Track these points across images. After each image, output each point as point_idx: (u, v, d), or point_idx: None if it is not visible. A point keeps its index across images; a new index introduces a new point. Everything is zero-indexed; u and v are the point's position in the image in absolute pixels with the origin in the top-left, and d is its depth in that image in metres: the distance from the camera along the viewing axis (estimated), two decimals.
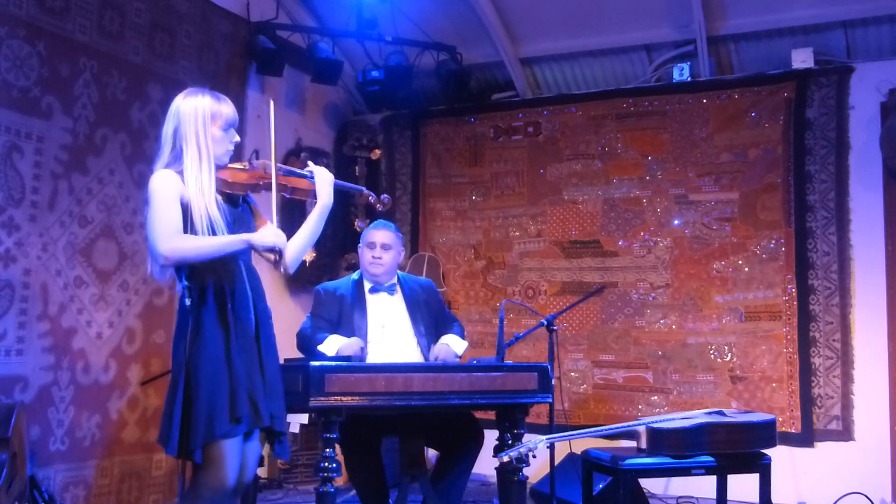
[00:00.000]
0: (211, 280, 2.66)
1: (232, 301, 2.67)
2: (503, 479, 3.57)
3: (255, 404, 2.62)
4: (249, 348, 2.68)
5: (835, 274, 5.18)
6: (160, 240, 2.57)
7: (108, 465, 4.47)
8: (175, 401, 2.56)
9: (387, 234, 3.96)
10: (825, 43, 5.37)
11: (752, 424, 3.70)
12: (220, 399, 2.56)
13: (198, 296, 2.64)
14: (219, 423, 2.54)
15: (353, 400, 3.11)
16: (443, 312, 4.07)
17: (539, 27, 5.89)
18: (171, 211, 2.60)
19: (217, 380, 2.57)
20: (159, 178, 2.65)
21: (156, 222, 2.59)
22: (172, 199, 2.61)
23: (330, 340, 3.67)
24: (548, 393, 3.51)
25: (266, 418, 2.64)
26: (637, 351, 5.66)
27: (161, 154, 2.72)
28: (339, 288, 3.97)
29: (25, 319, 4.05)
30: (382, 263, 3.93)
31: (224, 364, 2.60)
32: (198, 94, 2.75)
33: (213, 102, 2.73)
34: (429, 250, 6.37)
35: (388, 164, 6.56)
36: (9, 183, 3.97)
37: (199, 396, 2.55)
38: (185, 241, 2.61)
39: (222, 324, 2.64)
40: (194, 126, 2.68)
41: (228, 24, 5.37)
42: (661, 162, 5.71)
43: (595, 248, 5.85)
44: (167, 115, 2.75)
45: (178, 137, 2.69)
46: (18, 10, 4.03)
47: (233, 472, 2.59)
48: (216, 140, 2.72)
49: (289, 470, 5.54)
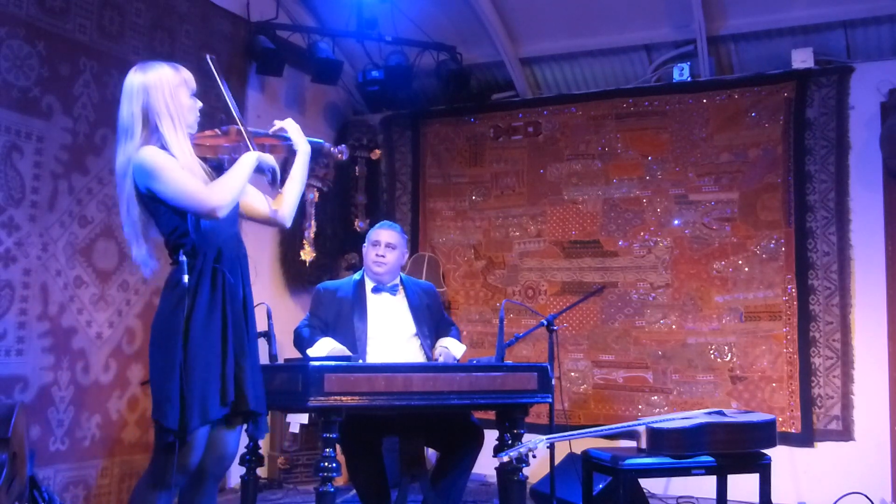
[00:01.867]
0: (213, 256, 2.67)
1: (224, 284, 2.67)
2: (503, 479, 3.57)
3: (241, 389, 2.65)
4: (239, 333, 2.69)
5: (835, 274, 5.18)
6: (203, 197, 2.56)
7: (108, 465, 4.47)
8: (174, 377, 2.53)
9: (392, 233, 3.98)
10: (825, 43, 5.37)
11: (752, 424, 3.70)
12: (213, 384, 2.58)
13: (197, 273, 2.63)
14: (212, 408, 2.56)
15: (352, 400, 3.11)
16: (442, 316, 4.09)
17: (539, 27, 5.89)
18: (187, 174, 2.59)
19: (212, 363, 2.59)
20: (152, 152, 2.60)
21: (184, 186, 2.57)
22: (177, 164, 2.59)
23: (320, 344, 3.68)
24: (548, 393, 3.51)
25: (252, 402, 2.67)
26: (637, 351, 5.66)
27: (132, 134, 2.65)
28: (339, 289, 3.97)
29: (25, 319, 4.05)
30: (386, 262, 3.93)
31: (219, 348, 2.62)
32: (156, 66, 2.71)
33: (174, 72, 2.71)
34: (429, 250, 6.37)
35: (388, 164, 6.56)
36: (9, 183, 3.97)
37: (194, 379, 2.55)
38: (220, 186, 2.61)
39: (220, 307, 2.64)
40: (163, 97, 2.65)
41: (228, 24, 5.37)
42: (661, 162, 5.71)
43: (595, 248, 5.85)
44: (126, 95, 2.68)
45: (150, 112, 2.64)
46: (18, 10, 4.03)
47: (197, 456, 2.62)
48: (188, 108, 2.71)
49: (289, 470, 5.54)
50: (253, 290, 2.87)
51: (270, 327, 3.80)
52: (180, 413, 2.52)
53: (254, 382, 2.71)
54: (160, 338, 2.63)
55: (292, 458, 5.55)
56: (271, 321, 3.80)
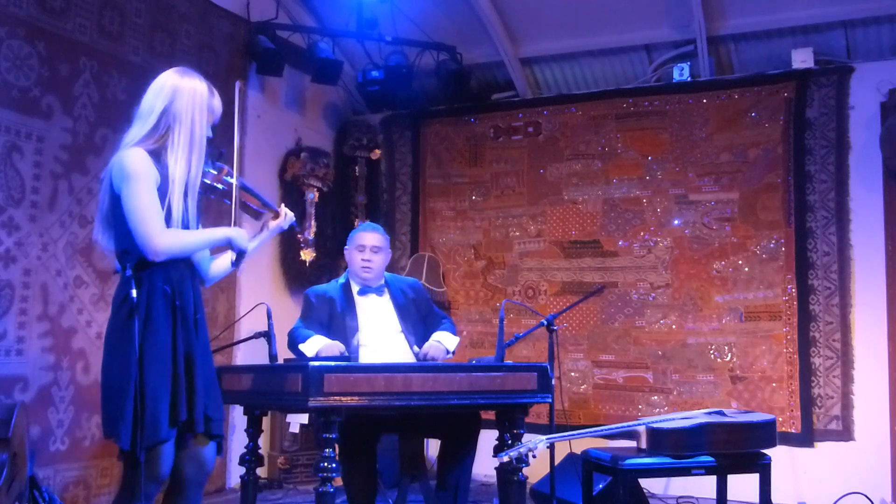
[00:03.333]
0: (161, 273, 2.59)
1: (180, 299, 2.61)
2: (503, 479, 3.57)
3: (192, 408, 2.59)
4: (189, 349, 2.63)
5: (835, 274, 5.18)
6: (154, 234, 2.50)
7: (108, 465, 4.47)
8: (127, 395, 2.48)
9: (376, 236, 3.97)
10: (825, 43, 5.37)
11: (752, 424, 3.69)
12: (164, 402, 2.53)
13: (146, 288, 2.55)
14: (161, 427, 2.51)
15: (352, 400, 3.11)
16: (431, 311, 4.08)
17: (539, 27, 5.89)
18: (156, 199, 2.52)
19: (163, 381, 2.53)
20: (138, 158, 2.53)
21: (145, 213, 2.50)
22: (153, 185, 2.52)
23: (312, 340, 3.68)
24: (548, 393, 3.51)
25: (199, 423, 2.61)
26: (637, 351, 5.66)
27: (140, 126, 2.61)
28: (328, 291, 3.99)
29: (25, 319, 4.05)
30: (373, 267, 3.94)
31: (170, 365, 2.56)
32: (195, 78, 2.68)
33: (209, 95, 2.69)
34: (429, 250, 6.36)
35: (388, 164, 6.56)
36: (9, 183, 3.97)
37: (146, 396, 2.50)
38: (177, 236, 2.55)
39: (171, 321, 2.58)
40: (191, 111, 2.61)
41: (228, 24, 5.37)
42: (661, 162, 5.71)
43: (595, 248, 5.85)
44: (156, 89, 2.64)
45: (167, 116, 2.60)
46: (18, 10, 4.03)
47: (167, 467, 2.59)
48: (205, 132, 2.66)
49: (289, 470, 5.54)
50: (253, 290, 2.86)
51: (270, 327, 3.79)
52: (132, 431, 2.47)
53: (207, 400, 2.64)
54: (113, 352, 2.57)
55: (292, 458, 5.55)
56: (271, 321, 3.79)
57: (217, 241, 2.69)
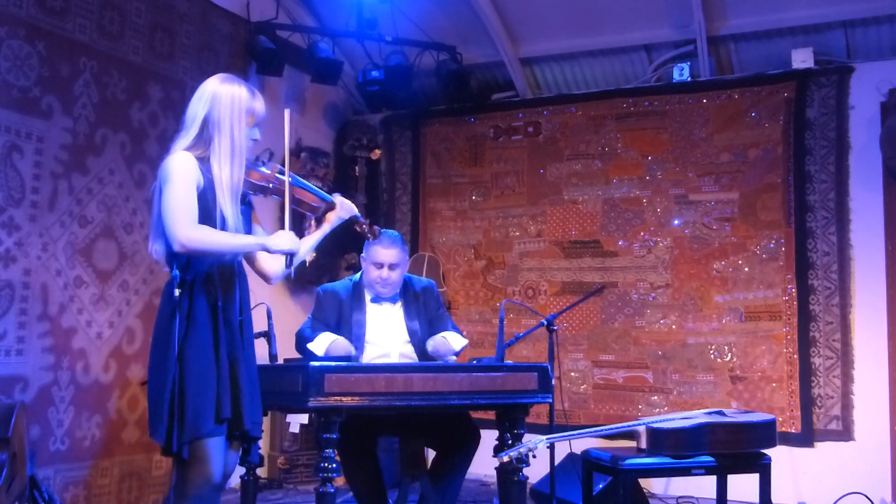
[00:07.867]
0: (204, 275, 2.63)
1: (223, 299, 2.65)
2: (503, 479, 3.57)
3: (238, 407, 2.62)
4: (233, 349, 2.66)
5: (835, 274, 5.18)
6: (180, 226, 2.52)
7: (107, 465, 4.47)
8: (164, 392, 2.52)
9: (394, 252, 3.81)
10: (825, 43, 5.37)
11: (752, 424, 3.70)
12: (208, 398, 2.55)
13: (189, 288, 2.60)
14: (204, 422, 2.53)
15: (352, 400, 3.11)
16: (439, 313, 4.04)
17: (539, 27, 5.89)
18: (191, 197, 2.56)
19: (206, 378, 2.56)
20: (181, 160, 2.59)
21: (176, 206, 2.54)
22: (192, 185, 2.57)
23: (320, 339, 3.66)
24: (548, 393, 3.51)
25: (248, 422, 2.64)
26: (637, 351, 5.66)
27: (185, 135, 2.66)
28: (340, 290, 3.96)
29: (25, 319, 4.05)
30: (391, 283, 3.86)
31: (213, 363, 2.58)
32: (235, 83, 2.71)
33: (249, 97, 2.71)
34: (429, 250, 6.37)
35: (388, 164, 6.56)
36: (9, 183, 3.97)
37: (187, 392, 2.52)
38: (206, 233, 2.57)
39: (212, 321, 2.61)
40: (230, 118, 2.65)
41: (228, 24, 5.37)
42: (661, 162, 5.71)
43: (595, 248, 5.85)
44: (198, 96, 2.69)
45: (209, 124, 2.64)
46: (18, 10, 4.03)
47: (218, 468, 2.59)
48: (246, 134, 2.69)
49: (289, 470, 5.54)
50: (253, 290, 2.86)
51: (270, 327, 3.79)
52: (167, 428, 2.50)
53: (250, 402, 2.67)
54: (157, 350, 2.61)
55: (292, 458, 5.55)
56: (271, 321, 3.79)
57: (250, 247, 2.71)
